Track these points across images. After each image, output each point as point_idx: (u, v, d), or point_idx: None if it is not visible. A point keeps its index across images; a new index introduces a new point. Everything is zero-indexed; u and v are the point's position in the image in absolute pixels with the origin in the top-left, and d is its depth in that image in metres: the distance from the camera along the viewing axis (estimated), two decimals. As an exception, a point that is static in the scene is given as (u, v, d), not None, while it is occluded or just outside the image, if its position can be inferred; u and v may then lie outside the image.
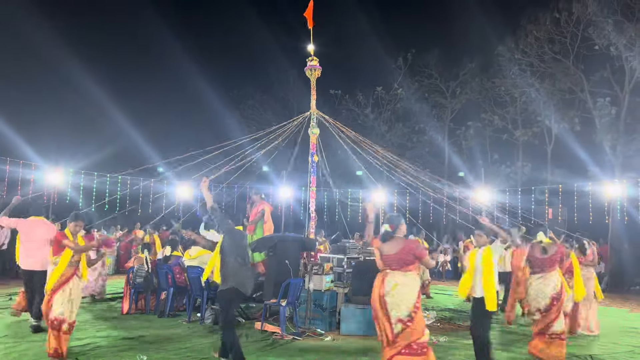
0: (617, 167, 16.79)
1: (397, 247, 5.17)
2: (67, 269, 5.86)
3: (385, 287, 5.03)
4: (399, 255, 5.13)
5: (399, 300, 4.98)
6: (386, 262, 5.17)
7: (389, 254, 5.17)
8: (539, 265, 6.20)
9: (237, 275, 5.61)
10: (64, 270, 5.83)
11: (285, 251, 8.05)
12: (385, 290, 5.02)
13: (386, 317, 4.98)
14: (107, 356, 5.97)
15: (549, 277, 6.15)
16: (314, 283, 7.86)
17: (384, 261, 5.19)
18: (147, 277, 8.87)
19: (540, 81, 19.10)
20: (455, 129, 22.76)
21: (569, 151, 18.13)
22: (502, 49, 19.83)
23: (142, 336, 7.01)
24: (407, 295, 5.00)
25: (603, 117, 17.51)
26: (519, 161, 20.84)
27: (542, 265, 6.20)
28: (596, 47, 17.35)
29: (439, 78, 22.99)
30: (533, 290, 6.14)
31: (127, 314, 8.64)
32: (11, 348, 6.21)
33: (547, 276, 6.16)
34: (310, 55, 10.07)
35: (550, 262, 6.20)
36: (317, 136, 10.16)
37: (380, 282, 5.10)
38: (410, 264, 5.11)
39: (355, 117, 23.80)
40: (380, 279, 5.14)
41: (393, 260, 5.14)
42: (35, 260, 7.22)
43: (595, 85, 18.21)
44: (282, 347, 6.69)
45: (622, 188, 14.31)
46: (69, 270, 5.87)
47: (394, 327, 4.95)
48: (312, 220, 9.75)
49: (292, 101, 25.03)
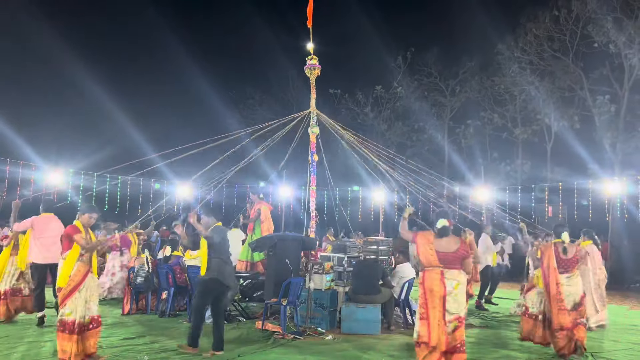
0: (617, 164, 16.79)
1: (456, 245, 5.18)
2: (80, 265, 5.52)
3: (447, 287, 4.99)
4: (458, 253, 5.13)
5: (460, 300, 5.02)
6: (443, 259, 5.09)
7: (448, 251, 5.13)
8: (563, 266, 6.35)
9: (220, 270, 6.15)
10: (74, 269, 5.48)
11: (285, 250, 8.05)
12: (448, 290, 4.99)
13: (442, 316, 4.94)
14: (109, 357, 5.96)
15: (573, 277, 6.36)
16: (314, 282, 7.88)
17: (439, 258, 5.09)
18: (147, 277, 8.87)
19: (539, 79, 19.10)
20: (455, 128, 22.74)
21: (569, 149, 18.13)
22: (501, 47, 19.83)
23: (143, 336, 7.02)
24: (464, 295, 5.07)
25: (602, 115, 17.52)
26: (518, 159, 20.83)
27: (566, 266, 6.35)
28: (595, 44, 17.36)
29: (438, 77, 22.97)
30: (565, 289, 6.27)
31: (127, 314, 8.66)
32: (12, 349, 6.22)
33: (572, 276, 6.36)
34: (309, 54, 10.06)
35: (572, 262, 6.37)
36: (317, 135, 10.15)
37: (438, 281, 5.00)
38: (463, 262, 5.17)
39: (354, 116, 23.79)
40: (438, 277, 5.03)
41: (453, 258, 5.11)
42: (52, 254, 7.37)
43: (595, 83, 18.21)
44: (283, 345, 6.70)
45: (622, 185, 14.30)
46: (83, 268, 5.54)
47: (448, 325, 4.96)
48: (312, 219, 9.75)
49: (292, 101, 25.02)
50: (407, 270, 8.74)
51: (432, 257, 5.11)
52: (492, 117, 21.11)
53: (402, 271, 8.68)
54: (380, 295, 7.86)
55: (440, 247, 5.14)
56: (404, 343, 7.02)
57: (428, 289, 5.05)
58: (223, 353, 6.09)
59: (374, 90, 23.60)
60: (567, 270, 6.32)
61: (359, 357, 6.23)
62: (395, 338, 7.36)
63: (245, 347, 6.50)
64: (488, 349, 6.77)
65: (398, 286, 8.38)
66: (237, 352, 6.21)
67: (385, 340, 7.21)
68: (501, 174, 20.68)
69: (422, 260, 5.19)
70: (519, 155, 20.93)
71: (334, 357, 6.23)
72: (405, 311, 8.29)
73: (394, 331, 7.81)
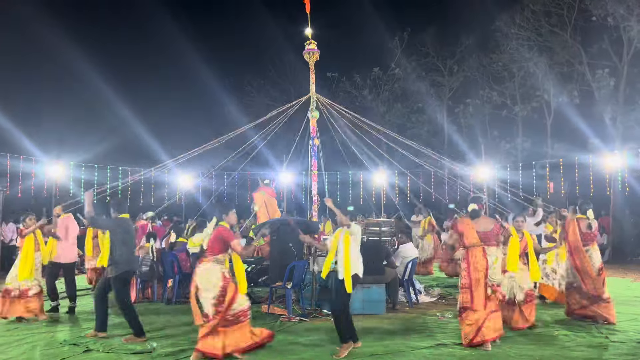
0: (618, 138, 16.75)
1: (490, 224, 6.12)
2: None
3: (488, 262, 5.90)
4: (494, 232, 6.07)
5: (497, 271, 6.02)
6: (483, 237, 5.98)
7: (486, 230, 6.03)
8: (585, 240, 7.06)
9: (130, 261, 6.40)
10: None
11: (288, 234, 8.09)
12: (489, 264, 5.91)
13: (484, 285, 5.83)
14: (117, 344, 6.04)
15: (592, 250, 7.08)
16: (318, 265, 7.92)
17: (480, 237, 5.96)
18: (152, 266, 8.94)
19: (538, 55, 18.96)
20: (454, 107, 22.66)
21: (569, 124, 18.06)
22: (498, 24, 19.66)
23: (151, 323, 7.09)
24: (500, 267, 6.09)
25: (602, 89, 17.41)
26: (518, 137, 20.78)
27: (587, 240, 7.08)
28: (593, 18, 17.18)
29: (435, 56, 22.83)
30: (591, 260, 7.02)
31: (134, 303, 8.71)
32: (23, 340, 6.32)
33: (591, 250, 7.08)
34: (308, 39, 9.99)
35: (591, 236, 7.11)
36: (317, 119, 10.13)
37: (481, 258, 5.87)
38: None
39: (353, 99, 23.69)
40: (480, 254, 5.89)
41: (490, 236, 6.05)
42: (74, 254, 8.27)
43: (594, 57, 18.08)
44: (290, 328, 6.79)
45: (622, 159, 14.28)
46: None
47: (488, 291, 5.87)
48: (314, 203, 9.77)
49: (290, 87, 24.91)
50: (410, 250, 8.79)
51: (475, 238, 5.96)
52: (491, 95, 20.99)
53: (404, 251, 8.73)
54: (384, 276, 7.91)
55: (479, 227, 6.02)
56: (409, 321, 7.10)
57: (472, 265, 5.87)
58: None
59: (371, 73, 23.48)
60: (587, 244, 7.05)
61: (364, 336, 6.29)
62: (400, 317, 7.43)
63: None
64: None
65: (402, 266, 8.44)
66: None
67: (390, 319, 7.29)
68: (502, 152, 20.65)
69: (466, 242, 5.98)
70: (519, 133, 20.87)
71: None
72: (409, 291, 8.36)
73: (399, 310, 7.89)
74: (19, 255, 7.54)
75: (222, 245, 5.45)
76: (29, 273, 7.40)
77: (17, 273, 7.43)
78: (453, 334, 6.37)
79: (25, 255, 7.43)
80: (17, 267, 7.48)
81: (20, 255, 7.52)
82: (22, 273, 7.38)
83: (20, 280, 7.37)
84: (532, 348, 5.79)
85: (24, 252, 7.44)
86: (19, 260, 7.47)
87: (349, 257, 5.66)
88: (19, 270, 7.40)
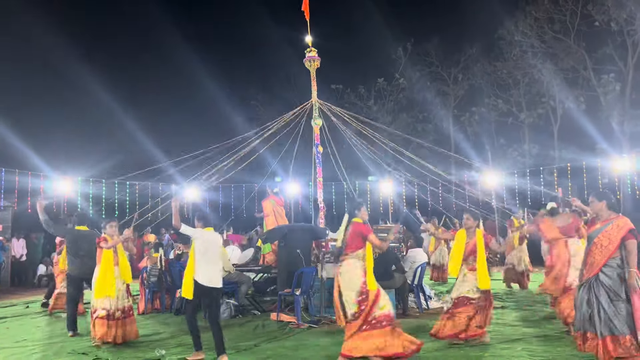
0: (626, 142, 16.64)
1: (569, 218, 6.76)
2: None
3: (571, 252, 6.44)
4: (572, 225, 6.66)
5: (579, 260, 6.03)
6: (565, 232, 6.59)
7: (565, 224, 6.68)
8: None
9: (75, 266, 7.06)
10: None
11: (295, 241, 8.06)
12: (571, 254, 6.42)
13: (567, 272, 6.34)
14: (126, 352, 6.02)
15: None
16: (326, 271, 7.87)
17: (561, 231, 6.58)
18: (160, 276, 8.92)
19: (542, 62, 18.97)
20: (460, 116, 22.64)
21: (576, 130, 18.00)
22: (502, 32, 19.73)
23: (159, 332, 7.06)
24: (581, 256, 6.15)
25: (608, 94, 17.37)
26: (525, 144, 20.69)
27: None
28: (596, 23, 17.23)
29: (439, 66, 22.88)
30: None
31: (142, 313, 8.71)
32: (47, 347, 6.35)
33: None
34: (308, 47, 10.05)
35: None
36: (320, 127, 10.15)
37: (564, 248, 6.47)
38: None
39: (358, 111, 23.70)
40: (563, 246, 6.49)
41: (570, 229, 6.63)
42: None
43: (598, 62, 18.07)
44: (300, 334, 6.72)
45: (631, 162, 14.16)
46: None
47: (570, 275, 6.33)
48: (320, 210, 9.74)
49: (294, 99, 24.99)
50: (419, 255, 8.72)
51: (556, 232, 6.57)
52: (497, 103, 20.98)
53: (413, 256, 8.66)
54: (394, 281, 7.84)
55: (559, 223, 6.67)
56: (419, 326, 7.01)
57: (555, 254, 6.48)
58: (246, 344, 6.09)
59: (376, 83, 23.56)
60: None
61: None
62: (410, 322, 7.33)
63: (261, 338, 6.52)
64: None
65: (410, 271, 8.36)
66: (253, 343, 6.24)
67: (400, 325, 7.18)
68: (509, 160, 20.56)
69: (551, 236, 6.60)
70: (525, 140, 20.78)
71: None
72: (419, 296, 8.27)
73: (410, 316, 7.80)
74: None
75: (360, 240, 5.42)
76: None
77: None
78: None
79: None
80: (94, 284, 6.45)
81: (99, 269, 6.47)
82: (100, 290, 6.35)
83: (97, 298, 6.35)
84: (545, 349, 5.69)
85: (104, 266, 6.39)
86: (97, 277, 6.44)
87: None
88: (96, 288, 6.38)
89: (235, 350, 5.90)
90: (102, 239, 6.49)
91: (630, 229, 4.88)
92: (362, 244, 5.42)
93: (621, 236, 4.86)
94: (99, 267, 6.39)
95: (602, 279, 4.83)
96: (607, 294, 4.76)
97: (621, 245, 4.84)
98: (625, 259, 4.79)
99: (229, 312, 8.01)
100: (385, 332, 5.19)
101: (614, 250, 4.85)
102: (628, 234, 4.86)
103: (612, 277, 4.79)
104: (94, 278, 6.43)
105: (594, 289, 4.82)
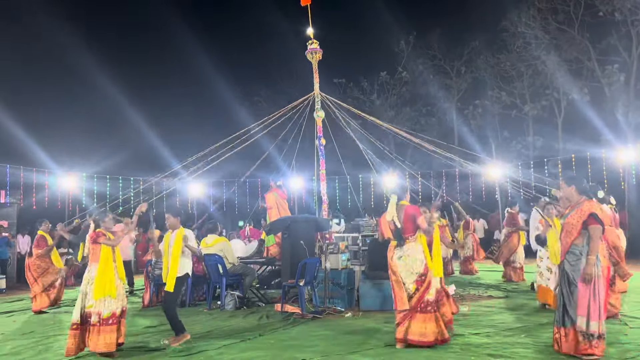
0: (630, 132, 16.55)
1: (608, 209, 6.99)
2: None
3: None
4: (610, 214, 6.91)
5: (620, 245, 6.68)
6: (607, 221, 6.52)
7: (608, 212, 6.75)
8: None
9: None
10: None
11: (299, 232, 8.07)
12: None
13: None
14: (132, 343, 6.04)
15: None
16: (330, 262, 7.89)
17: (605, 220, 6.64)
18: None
19: (545, 53, 18.86)
20: (463, 109, 22.56)
21: (580, 121, 17.90)
22: (505, 24, 19.63)
23: (164, 324, 7.07)
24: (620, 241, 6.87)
25: (612, 85, 17.27)
26: (529, 136, 20.60)
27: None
28: (600, 13, 17.11)
29: (443, 58, 22.80)
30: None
31: (147, 306, 8.74)
32: (54, 340, 6.39)
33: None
34: (310, 39, 10.04)
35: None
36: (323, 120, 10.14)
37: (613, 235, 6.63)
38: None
39: (361, 105, 23.69)
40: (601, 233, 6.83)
41: (610, 219, 6.76)
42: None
43: (602, 53, 17.96)
44: (304, 324, 6.74)
45: (636, 153, 14.08)
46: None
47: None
48: (324, 203, 9.74)
49: (298, 95, 24.94)
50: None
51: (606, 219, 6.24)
52: (500, 96, 20.88)
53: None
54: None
55: (605, 211, 6.57)
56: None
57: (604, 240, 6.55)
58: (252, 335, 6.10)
59: (378, 77, 23.50)
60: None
61: (378, 329, 6.24)
62: (414, 312, 7.34)
63: (265, 328, 6.54)
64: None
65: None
66: (258, 332, 6.26)
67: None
68: (513, 153, 20.48)
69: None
70: (530, 132, 20.69)
71: (354, 330, 6.25)
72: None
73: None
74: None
75: (413, 223, 5.44)
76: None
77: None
78: (471, 327, 6.28)
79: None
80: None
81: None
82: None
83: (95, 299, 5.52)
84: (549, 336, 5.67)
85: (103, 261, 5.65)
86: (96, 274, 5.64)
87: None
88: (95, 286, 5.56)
89: (240, 339, 5.92)
90: (99, 234, 5.70)
91: (591, 213, 4.55)
92: (415, 226, 5.46)
93: (582, 220, 4.57)
94: (96, 266, 5.60)
95: (565, 266, 4.65)
96: (567, 283, 4.58)
97: (584, 230, 4.59)
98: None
99: (234, 304, 8.04)
100: (429, 317, 5.24)
101: (576, 235, 4.60)
102: (590, 218, 4.55)
103: (574, 264, 4.57)
104: (92, 278, 5.58)
105: (561, 277, 4.69)
